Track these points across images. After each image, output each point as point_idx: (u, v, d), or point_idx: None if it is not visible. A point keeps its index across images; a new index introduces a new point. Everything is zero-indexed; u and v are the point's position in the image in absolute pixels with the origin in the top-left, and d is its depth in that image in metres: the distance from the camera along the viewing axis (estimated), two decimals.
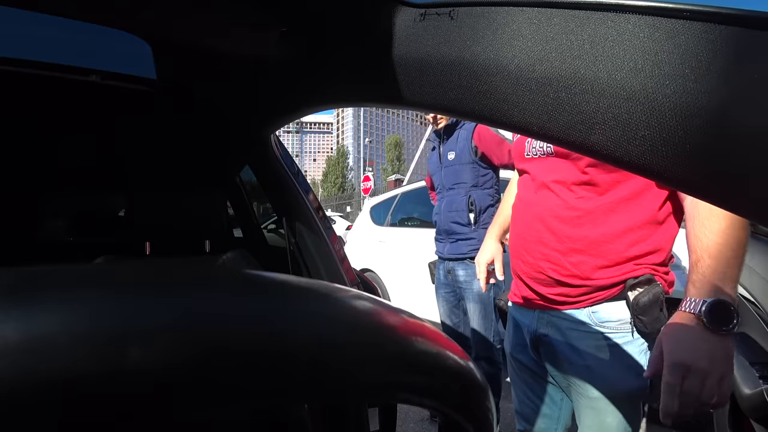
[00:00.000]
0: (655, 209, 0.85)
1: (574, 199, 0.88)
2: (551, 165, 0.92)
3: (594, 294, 0.87)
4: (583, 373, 0.89)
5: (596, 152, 0.34)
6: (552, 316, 0.93)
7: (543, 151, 0.93)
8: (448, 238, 2.03)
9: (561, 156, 0.90)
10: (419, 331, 0.22)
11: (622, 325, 0.86)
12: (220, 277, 0.18)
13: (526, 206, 0.97)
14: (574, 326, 0.90)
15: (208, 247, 1.43)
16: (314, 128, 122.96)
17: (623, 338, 0.86)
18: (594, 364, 0.88)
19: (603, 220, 0.85)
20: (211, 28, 0.67)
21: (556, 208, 0.89)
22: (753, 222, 1.15)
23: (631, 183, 0.84)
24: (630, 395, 0.87)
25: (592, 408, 0.89)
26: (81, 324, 0.14)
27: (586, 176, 0.86)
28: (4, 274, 0.15)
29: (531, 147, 0.96)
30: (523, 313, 1.01)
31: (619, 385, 0.87)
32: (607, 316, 0.87)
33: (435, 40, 0.42)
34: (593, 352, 0.88)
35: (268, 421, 0.53)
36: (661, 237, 0.86)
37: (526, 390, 1.04)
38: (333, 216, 13.19)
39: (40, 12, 0.67)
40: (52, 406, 0.13)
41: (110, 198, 1.45)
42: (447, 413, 0.23)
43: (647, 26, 0.29)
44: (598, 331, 0.87)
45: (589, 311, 0.88)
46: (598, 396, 0.88)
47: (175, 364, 0.14)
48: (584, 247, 0.86)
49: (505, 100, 0.37)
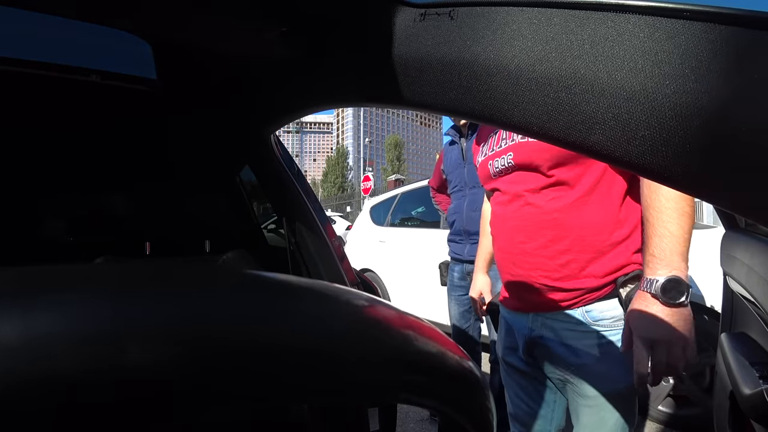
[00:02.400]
0: (619, 191, 0.88)
1: (546, 202, 0.90)
2: (517, 177, 0.94)
3: (587, 294, 0.89)
4: (581, 372, 0.90)
5: (596, 152, 0.34)
6: (547, 318, 0.94)
7: (506, 167, 0.96)
8: (469, 239, 1.96)
9: (523, 168, 0.93)
10: (419, 331, 0.22)
11: (616, 322, 0.88)
12: (220, 277, 0.18)
13: (503, 221, 0.98)
14: (570, 327, 0.91)
15: (208, 247, 1.43)
16: (314, 128, 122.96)
17: (617, 335, 0.88)
18: (591, 363, 0.89)
19: (579, 214, 0.87)
20: (211, 28, 0.67)
21: (532, 216, 0.91)
22: (753, 222, 1.15)
23: (591, 172, 0.87)
24: (626, 391, 0.89)
25: (590, 407, 0.90)
26: (80, 324, 0.14)
27: (552, 178, 0.89)
28: (4, 273, 0.15)
29: (494, 167, 0.99)
30: (516, 317, 1.02)
31: (615, 382, 0.88)
32: (600, 314, 0.88)
33: (435, 40, 0.42)
34: (589, 350, 0.89)
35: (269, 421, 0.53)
36: (633, 215, 0.88)
37: (519, 392, 1.05)
38: (333, 216, 13.18)
39: (40, 12, 0.67)
40: (52, 406, 0.13)
41: (110, 198, 1.45)
42: (447, 413, 0.23)
43: (647, 26, 0.29)
44: (593, 330, 0.89)
45: (583, 311, 0.89)
46: (596, 394, 0.89)
47: (174, 365, 0.14)
48: (569, 246, 0.88)
49: (505, 100, 0.37)
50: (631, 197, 0.89)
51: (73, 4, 0.65)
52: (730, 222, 1.31)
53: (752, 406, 0.87)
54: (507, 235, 0.97)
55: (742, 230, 1.23)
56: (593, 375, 0.89)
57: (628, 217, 0.88)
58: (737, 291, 1.18)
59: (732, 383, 0.97)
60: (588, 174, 0.87)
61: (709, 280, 1.95)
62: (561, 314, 0.92)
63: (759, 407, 0.85)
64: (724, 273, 1.28)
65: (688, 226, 0.74)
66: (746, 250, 1.12)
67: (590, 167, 0.87)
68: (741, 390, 0.90)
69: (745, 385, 0.90)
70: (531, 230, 0.92)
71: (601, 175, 0.87)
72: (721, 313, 1.29)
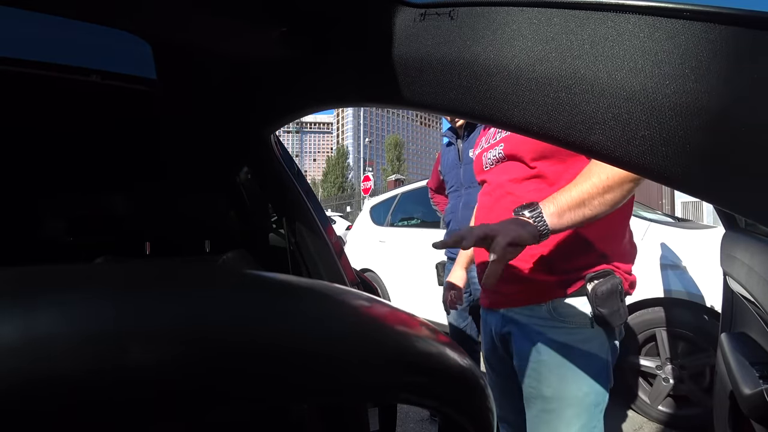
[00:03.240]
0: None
1: (525, 193, 0.90)
2: (504, 168, 0.96)
3: (555, 289, 0.87)
4: (539, 370, 0.88)
5: (596, 152, 0.34)
6: (515, 313, 0.93)
7: (497, 158, 0.97)
8: None
9: (510, 158, 0.94)
10: (420, 331, 0.22)
11: (582, 320, 0.86)
12: (220, 278, 0.18)
13: (485, 211, 0.99)
14: (534, 322, 0.89)
15: (208, 247, 1.43)
16: (314, 128, 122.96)
17: (583, 336, 0.86)
18: (550, 360, 0.86)
19: None
20: (212, 28, 0.67)
21: (511, 205, 0.89)
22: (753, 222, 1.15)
23: (571, 170, 0.86)
24: (585, 399, 0.85)
25: (546, 411, 0.87)
26: (81, 324, 0.14)
27: (534, 170, 0.89)
28: (4, 273, 0.15)
29: (487, 159, 1.01)
30: (489, 315, 1.02)
31: (574, 385, 0.85)
32: (567, 310, 0.87)
33: (435, 40, 0.42)
34: (551, 347, 0.87)
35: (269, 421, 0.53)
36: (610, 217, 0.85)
37: (501, 392, 1.04)
38: (333, 216, 13.18)
39: (40, 12, 0.67)
40: (54, 406, 0.13)
41: (110, 198, 1.45)
42: (447, 413, 0.23)
43: (647, 26, 0.29)
44: (557, 326, 0.87)
45: (550, 306, 0.88)
46: (552, 396, 0.86)
47: (173, 365, 0.14)
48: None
49: (505, 100, 0.37)
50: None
51: (73, 4, 0.65)
52: (730, 222, 1.31)
53: (752, 406, 0.87)
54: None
55: (742, 230, 1.23)
56: (552, 374, 0.86)
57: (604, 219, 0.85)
58: (737, 291, 1.18)
59: (732, 383, 0.97)
60: (568, 172, 0.87)
61: (709, 280, 1.95)
62: (527, 309, 0.91)
63: (759, 407, 0.85)
64: (724, 273, 1.28)
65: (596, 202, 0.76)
66: (746, 250, 1.12)
67: (572, 165, 0.86)
68: (741, 390, 0.90)
69: (745, 385, 0.90)
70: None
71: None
72: (721, 313, 1.29)
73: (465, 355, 0.24)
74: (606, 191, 0.75)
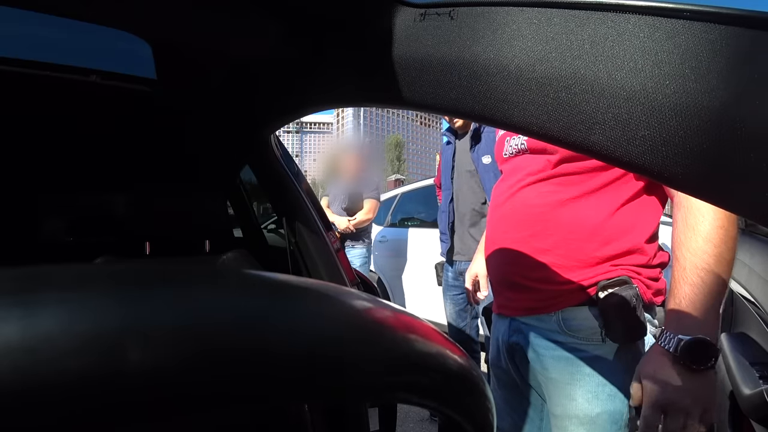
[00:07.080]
0: (631, 200, 0.77)
1: (538, 194, 0.82)
2: (524, 162, 0.87)
3: (565, 298, 0.79)
4: (548, 387, 0.81)
5: (596, 152, 0.34)
6: (522, 322, 0.85)
7: (518, 149, 0.88)
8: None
9: (535, 152, 0.84)
10: (419, 331, 0.22)
11: (594, 335, 0.76)
12: (220, 277, 0.18)
13: (495, 207, 0.92)
14: (541, 334, 0.81)
15: (208, 247, 1.43)
16: (314, 128, 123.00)
17: (594, 352, 0.76)
18: (559, 378, 0.78)
19: (571, 214, 0.78)
20: (211, 28, 0.67)
21: (520, 206, 0.84)
22: (753, 222, 1.15)
23: (602, 173, 0.78)
24: (598, 419, 0.75)
25: (557, 427, 0.80)
26: (81, 324, 0.14)
27: (557, 168, 0.80)
28: (4, 273, 0.15)
29: (508, 146, 0.91)
30: (498, 320, 0.94)
31: (585, 405, 0.76)
32: (578, 323, 0.77)
33: (435, 40, 0.42)
34: (559, 364, 0.79)
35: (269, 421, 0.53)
36: (640, 233, 0.77)
37: (505, 404, 0.96)
38: None
39: (39, 12, 0.67)
40: (52, 407, 0.13)
41: (110, 198, 1.45)
42: (447, 413, 0.23)
43: (647, 26, 0.29)
44: (566, 341, 0.78)
45: (559, 317, 0.79)
46: (561, 414, 0.79)
47: (174, 365, 0.14)
48: (551, 246, 0.80)
49: (505, 100, 0.37)
50: (645, 210, 0.78)
51: (73, 4, 0.65)
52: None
53: (752, 406, 0.87)
54: (494, 222, 0.90)
55: (742, 230, 1.24)
56: (561, 392, 0.79)
57: (630, 231, 0.77)
58: (737, 291, 1.18)
59: (732, 383, 0.97)
60: (599, 175, 0.77)
61: None
62: (534, 319, 0.82)
63: (759, 407, 0.85)
64: None
65: (726, 276, 0.62)
66: (746, 250, 1.12)
67: (601, 171, 0.77)
68: (741, 390, 0.90)
69: (745, 385, 0.90)
70: (515, 220, 0.84)
71: (612, 179, 0.77)
72: (721, 313, 1.29)
73: (465, 355, 0.24)
74: (716, 260, 0.61)
